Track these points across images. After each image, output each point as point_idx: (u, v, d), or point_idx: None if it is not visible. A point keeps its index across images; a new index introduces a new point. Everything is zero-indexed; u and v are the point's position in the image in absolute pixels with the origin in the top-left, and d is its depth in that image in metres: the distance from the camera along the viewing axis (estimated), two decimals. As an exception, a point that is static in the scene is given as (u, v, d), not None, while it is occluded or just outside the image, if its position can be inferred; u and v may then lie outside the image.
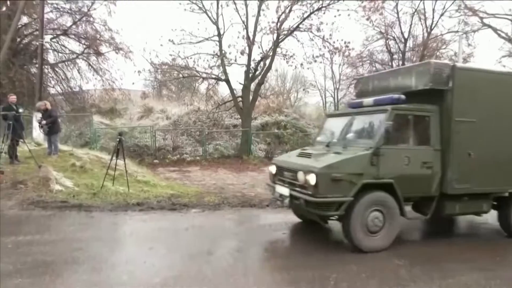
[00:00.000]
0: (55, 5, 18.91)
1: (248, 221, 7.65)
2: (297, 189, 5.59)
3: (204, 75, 18.78)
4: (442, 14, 25.91)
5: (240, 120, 19.46)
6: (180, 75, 19.67)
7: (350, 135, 6.09)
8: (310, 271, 4.70)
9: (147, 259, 4.95)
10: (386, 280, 4.57)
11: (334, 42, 17.23)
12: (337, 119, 6.87)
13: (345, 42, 17.32)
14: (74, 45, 20.04)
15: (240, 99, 18.96)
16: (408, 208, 5.99)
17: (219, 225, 7.11)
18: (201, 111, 22.50)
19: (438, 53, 26.65)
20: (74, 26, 19.39)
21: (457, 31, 26.15)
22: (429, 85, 5.76)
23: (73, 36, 19.63)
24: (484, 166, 6.01)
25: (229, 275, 4.49)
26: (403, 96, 5.81)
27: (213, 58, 18.05)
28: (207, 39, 17.81)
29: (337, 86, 33.59)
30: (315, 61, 18.18)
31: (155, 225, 6.81)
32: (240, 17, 17.57)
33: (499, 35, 27.62)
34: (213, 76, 18.93)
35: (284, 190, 5.93)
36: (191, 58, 18.04)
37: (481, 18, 26.85)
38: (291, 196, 5.67)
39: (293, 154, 6.71)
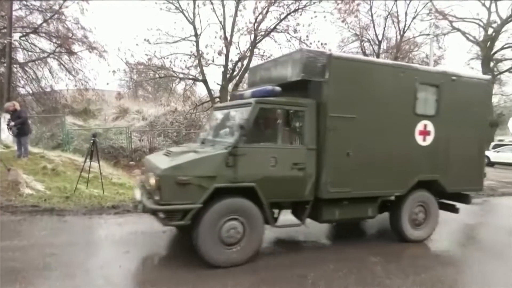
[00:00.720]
0: (25, 3, 18.23)
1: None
2: (147, 193, 4.95)
3: (181, 76, 18.59)
4: (414, 17, 26.84)
5: (218, 120, 19.37)
6: (157, 75, 19.37)
7: (222, 131, 5.50)
8: (287, 271, 4.75)
9: (123, 263, 4.85)
10: (363, 278, 4.67)
11: (310, 44, 17.43)
12: (220, 112, 6.08)
13: (321, 44, 17.59)
14: (45, 44, 19.40)
15: (217, 99, 18.88)
16: (287, 216, 5.57)
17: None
18: (178, 112, 22.25)
19: (410, 55, 27.49)
20: (44, 24, 18.74)
21: (428, 34, 27.14)
22: (301, 76, 5.15)
23: (43, 35, 18.98)
24: (366, 167, 5.42)
25: (209, 276, 4.46)
26: (278, 88, 5.19)
27: (190, 58, 17.91)
28: (183, 39, 17.64)
29: (314, 87, 33.96)
30: (292, 62, 18.32)
31: (131, 228, 6.66)
32: (217, 17, 17.51)
33: (467, 38, 28.86)
34: (190, 77, 18.76)
35: (138, 194, 5.16)
36: (167, 58, 17.83)
37: (451, 21, 27.98)
38: (142, 201, 4.80)
39: (162, 152, 5.90)
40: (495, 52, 28.38)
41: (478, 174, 6.66)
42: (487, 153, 21.19)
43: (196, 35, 17.61)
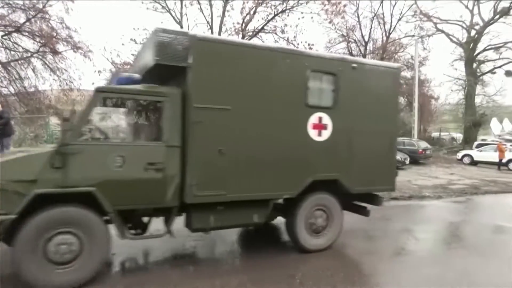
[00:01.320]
0: (7, 1, 17.80)
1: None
2: None
3: (169, 76, 18.47)
4: (399, 19, 27.30)
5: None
6: (144, 76, 19.18)
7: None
8: (275, 270, 4.75)
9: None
10: (350, 276, 4.71)
11: (298, 44, 17.53)
12: None
13: (308, 44, 17.70)
14: (28, 43, 18.97)
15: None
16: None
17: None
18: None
19: (396, 56, 27.90)
20: (28, 23, 18.34)
21: (413, 36, 27.62)
22: (156, 60, 4.29)
23: (27, 34, 18.56)
24: (245, 167, 4.65)
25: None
26: (136, 76, 4.61)
27: (177, 58, 17.78)
28: (171, 39, 17.52)
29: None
30: (280, 62, 18.42)
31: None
32: (205, 17, 17.47)
33: (451, 39, 29.48)
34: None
35: None
36: (154, 58, 17.65)
37: (435, 23, 28.54)
38: None
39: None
40: (478, 54, 29.06)
41: (389, 172, 5.89)
42: (470, 152, 21.65)
43: (183, 35, 17.53)
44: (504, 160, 18.81)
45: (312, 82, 5.05)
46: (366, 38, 27.62)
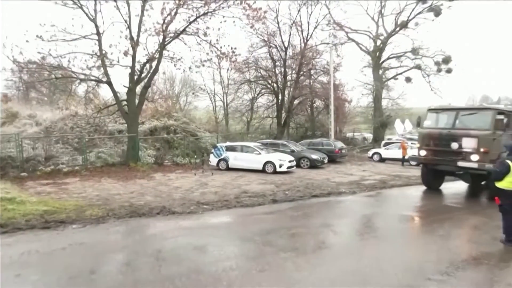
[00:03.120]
0: None
1: (137, 231, 7.23)
2: None
3: (82, 76, 17.06)
4: (315, 27, 29.14)
5: (126, 125, 18.29)
6: (52, 76, 17.44)
7: None
8: (207, 276, 4.69)
9: (13, 288, 4.23)
10: (275, 274, 4.86)
11: (221, 48, 17.59)
12: None
13: (231, 48, 17.85)
14: None
15: (125, 102, 17.81)
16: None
17: (104, 240, 6.54)
18: (80, 116, 20.38)
19: (313, 62, 29.67)
20: None
21: (328, 43, 29.65)
22: None
23: None
24: None
25: None
26: None
27: (92, 58, 16.50)
28: (84, 37, 16.21)
29: (226, 91, 34.41)
30: (203, 65, 18.25)
31: (24, 247, 5.88)
32: (122, 16, 16.50)
33: (360, 48, 32.25)
34: (93, 78, 17.34)
35: None
36: (65, 57, 16.16)
37: (347, 32, 31.00)
38: None
39: None
40: (383, 61, 32.24)
41: None
42: (379, 150, 23.87)
43: (98, 33, 16.34)
44: (406, 157, 21.09)
45: None
46: (286, 44, 28.92)
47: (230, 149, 17.32)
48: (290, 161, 16.63)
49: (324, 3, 28.47)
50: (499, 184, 6.45)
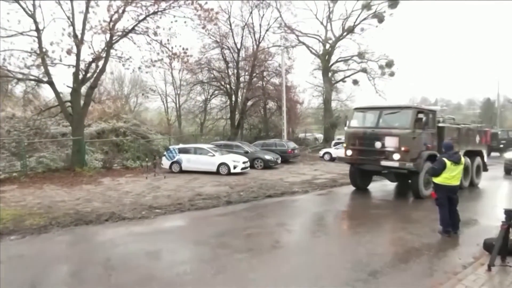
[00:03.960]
0: None
1: (84, 240, 6.85)
2: None
3: (20, 76, 15.85)
4: (267, 30, 29.58)
5: (70, 127, 17.27)
6: (-15, 75, 16.01)
7: None
8: (160, 282, 4.56)
9: None
10: (230, 275, 4.85)
11: (172, 48, 17.23)
12: None
13: (183, 49, 17.54)
14: None
15: (69, 104, 16.80)
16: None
17: (46, 251, 6.12)
18: (18, 118, 18.93)
19: (266, 64, 30.08)
20: None
21: (279, 46, 30.25)
22: None
23: None
24: None
25: None
26: None
27: (30, 56, 15.39)
28: (21, 33, 15.06)
29: (178, 92, 33.73)
30: (154, 65, 17.76)
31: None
32: (65, 12, 15.57)
33: (310, 51, 33.24)
34: (32, 77, 16.17)
35: None
36: (-1, 54, 14.91)
37: (297, 36, 31.80)
38: None
39: None
40: (332, 64, 33.48)
41: None
42: (330, 150, 24.73)
43: (37, 30, 15.26)
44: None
45: None
46: (239, 46, 29.04)
47: (183, 151, 17.03)
48: (244, 162, 16.71)
49: (275, 7, 28.99)
50: (436, 180, 6.99)
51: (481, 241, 5.91)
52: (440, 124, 11.66)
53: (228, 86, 29.98)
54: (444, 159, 6.88)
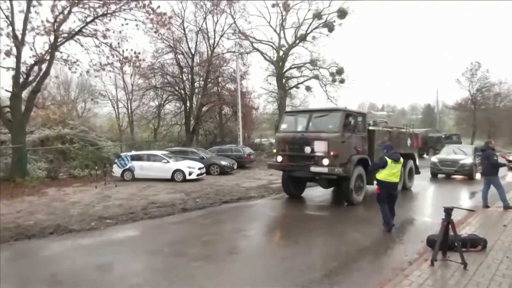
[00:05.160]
0: None
1: (26, 255, 6.35)
2: None
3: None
4: (221, 36, 29.56)
5: (10, 135, 16.00)
6: None
7: None
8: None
9: None
10: (186, 284, 4.75)
11: (123, 52, 16.65)
12: None
13: (135, 53, 17.01)
14: None
15: (7, 109, 15.57)
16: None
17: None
18: None
19: (221, 69, 30.02)
20: None
21: (234, 52, 30.38)
22: None
23: None
24: None
25: None
26: None
27: (-39, 57, 14.10)
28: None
29: (130, 97, 32.56)
30: (103, 69, 17.02)
31: None
32: (2, 11, 14.48)
33: (265, 57, 33.79)
34: (-36, 80, 14.85)
35: None
36: None
37: (252, 42, 32.18)
38: None
39: None
40: (286, 71, 34.27)
41: None
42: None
43: (-31, 28, 14.06)
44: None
45: None
46: (193, 51, 28.72)
47: (135, 158, 16.46)
48: (200, 168, 16.51)
49: (229, 13, 29.10)
50: (379, 176, 7.63)
51: (425, 237, 6.34)
52: (370, 127, 11.58)
53: (182, 91, 29.47)
54: (386, 157, 7.53)
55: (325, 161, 9.85)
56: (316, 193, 12.65)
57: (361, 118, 11.09)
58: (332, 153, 9.80)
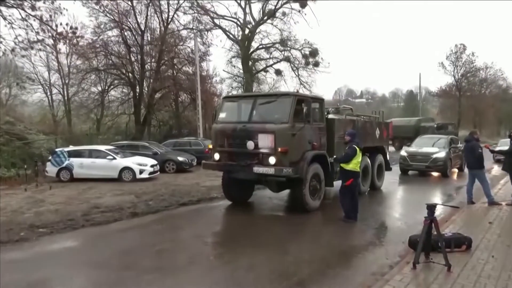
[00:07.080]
0: None
1: None
2: None
3: None
4: (177, 9, 28.92)
5: None
6: None
7: None
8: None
9: None
10: None
11: (57, 26, 15.99)
12: None
13: (71, 28, 16.39)
14: None
15: None
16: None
17: None
18: None
19: (176, 49, 29.51)
20: None
21: (192, 28, 29.91)
22: None
23: None
24: None
25: None
26: None
27: None
28: None
29: (66, 81, 31.26)
30: (32, 47, 16.31)
31: None
32: None
33: (228, 36, 33.62)
34: None
35: None
36: None
37: (212, 17, 31.84)
38: None
39: None
40: (252, 52, 34.30)
41: None
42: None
43: None
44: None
45: None
46: (143, 27, 27.96)
47: (74, 154, 15.99)
48: (152, 166, 16.31)
49: (186, -18, 28.58)
50: (348, 167, 8.24)
51: (406, 238, 6.63)
52: (329, 116, 10.98)
53: (130, 74, 28.65)
54: (355, 146, 8.16)
55: (272, 160, 8.95)
56: (285, 191, 12.84)
57: (318, 105, 10.27)
58: (280, 149, 8.83)
